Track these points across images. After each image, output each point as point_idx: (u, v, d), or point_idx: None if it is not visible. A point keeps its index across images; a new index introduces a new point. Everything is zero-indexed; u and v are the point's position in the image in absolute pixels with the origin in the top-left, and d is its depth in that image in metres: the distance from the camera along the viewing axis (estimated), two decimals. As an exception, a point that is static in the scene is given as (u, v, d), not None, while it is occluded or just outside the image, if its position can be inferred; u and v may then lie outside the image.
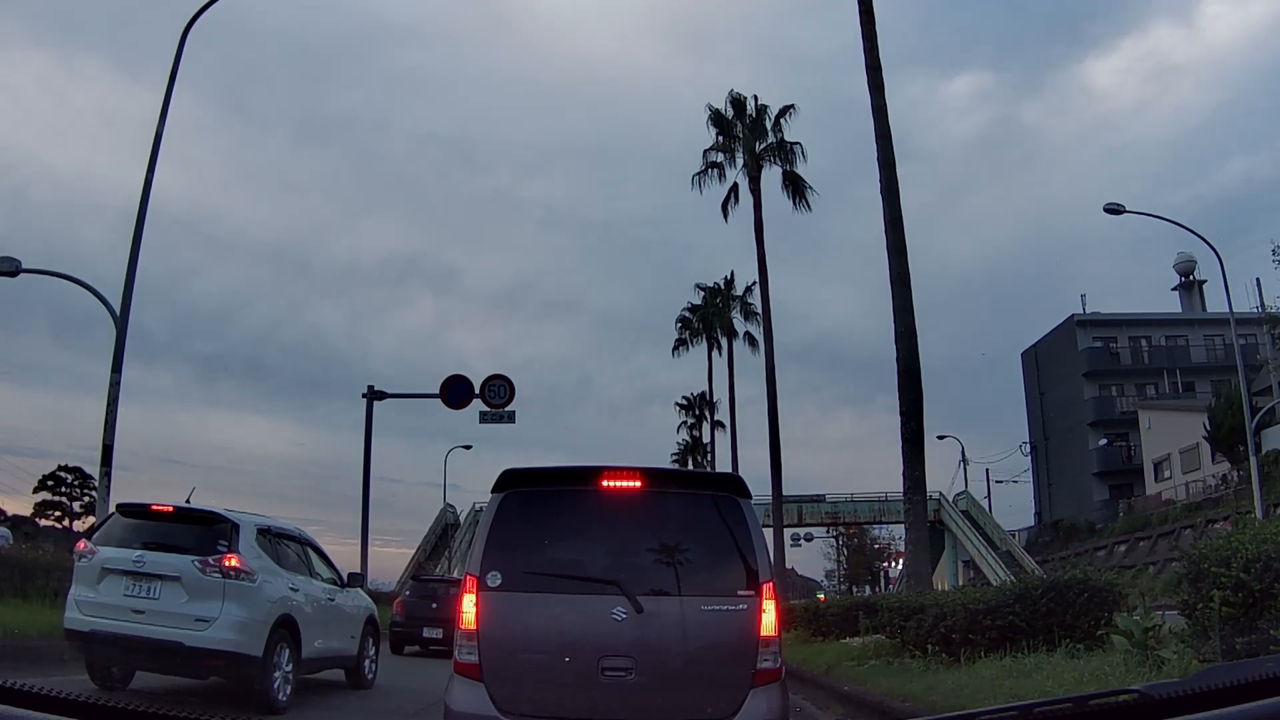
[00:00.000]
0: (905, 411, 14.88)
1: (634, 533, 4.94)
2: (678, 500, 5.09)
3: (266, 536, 9.23)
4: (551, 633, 4.62)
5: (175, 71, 15.62)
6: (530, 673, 4.62)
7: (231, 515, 8.91)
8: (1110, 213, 25.85)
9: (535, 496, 4.98)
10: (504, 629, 4.65)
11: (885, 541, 67.37)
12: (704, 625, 4.63)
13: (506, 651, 4.63)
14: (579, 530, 5.01)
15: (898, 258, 15.64)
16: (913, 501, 15.26)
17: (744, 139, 28.70)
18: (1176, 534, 41.55)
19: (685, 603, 4.64)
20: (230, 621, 8.08)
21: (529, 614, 4.69)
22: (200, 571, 8.16)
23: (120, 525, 8.78)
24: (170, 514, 8.81)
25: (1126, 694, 1.89)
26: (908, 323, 15.32)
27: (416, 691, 11.02)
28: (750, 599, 4.68)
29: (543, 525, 4.93)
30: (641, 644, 4.52)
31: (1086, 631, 8.35)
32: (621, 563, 4.85)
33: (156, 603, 8.05)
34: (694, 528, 4.94)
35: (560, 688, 4.56)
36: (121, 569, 8.18)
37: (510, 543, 4.83)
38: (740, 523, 4.88)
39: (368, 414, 21.96)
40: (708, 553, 4.93)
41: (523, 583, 4.70)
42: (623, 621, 4.54)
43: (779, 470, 27.80)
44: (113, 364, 13.71)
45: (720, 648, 4.63)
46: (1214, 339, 53.78)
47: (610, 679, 4.48)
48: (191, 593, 8.10)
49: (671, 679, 4.54)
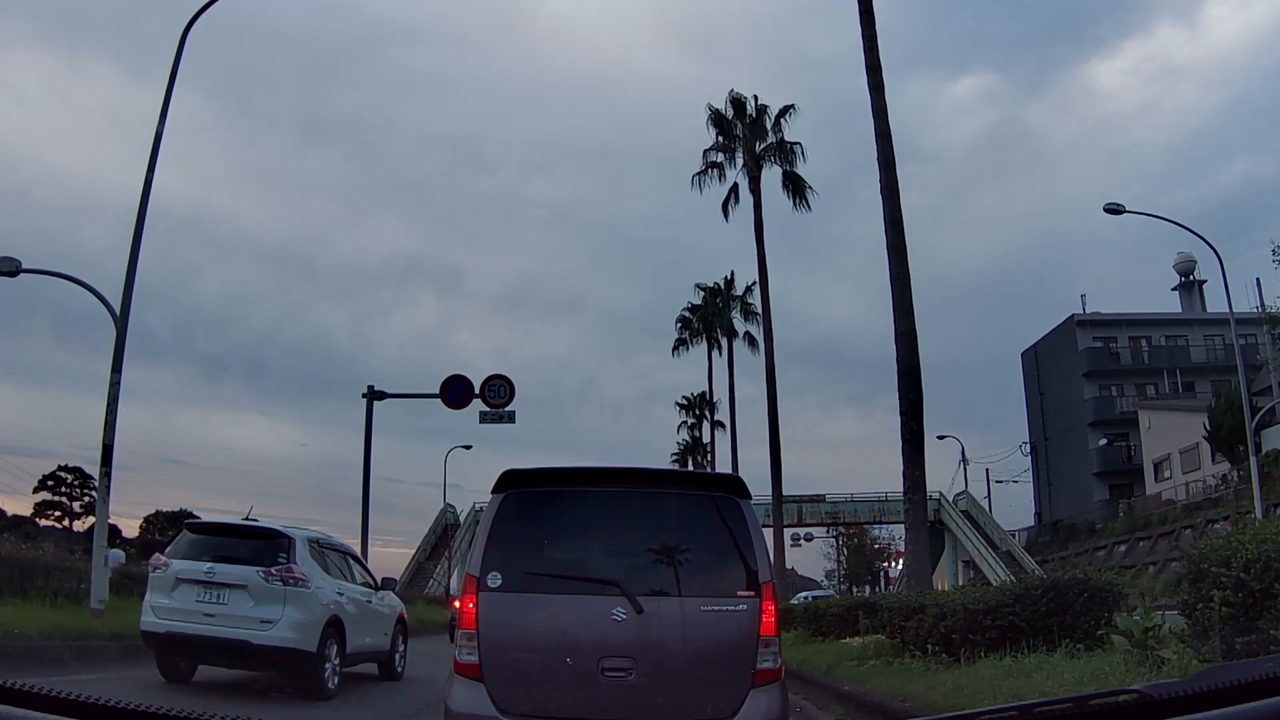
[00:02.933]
0: (905, 411, 14.87)
1: (634, 533, 4.93)
2: (677, 501, 5.05)
3: (316, 548, 10.43)
4: (552, 633, 4.60)
5: (175, 71, 15.60)
6: (530, 673, 4.59)
7: (288, 530, 10.14)
8: (1110, 213, 25.82)
9: (535, 497, 4.95)
10: (504, 629, 4.62)
11: (885, 541, 67.33)
12: (704, 625, 4.61)
13: (506, 652, 4.59)
14: (579, 531, 4.99)
15: (898, 258, 15.64)
16: (913, 502, 15.20)
17: (744, 139, 28.60)
18: (1176, 534, 41.50)
19: (685, 603, 4.62)
20: (290, 622, 9.26)
21: (529, 614, 4.66)
22: (264, 580, 9.33)
23: (189, 541, 9.94)
24: (235, 530, 10.18)
25: (1126, 694, 1.90)
26: (908, 323, 15.32)
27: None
28: (750, 600, 4.66)
29: (543, 526, 4.91)
30: (641, 644, 4.50)
31: (1086, 632, 8.35)
32: (621, 563, 4.82)
33: (225, 607, 9.21)
34: (694, 528, 4.91)
35: (560, 688, 4.52)
36: (194, 579, 9.34)
37: (510, 543, 4.81)
38: (740, 523, 4.85)
39: (368, 414, 21.95)
40: (707, 553, 4.89)
41: (523, 583, 4.68)
42: (623, 622, 4.52)
43: (779, 470, 27.84)
44: (113, 364, 13.69)
45: (720, 648, 4.59)
46: (1214, 339, 53.76)
47: (610, 679, 4.46)
48: (256, 598, 9.28)
49: (671, 679, 4.51)
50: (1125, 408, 52.19)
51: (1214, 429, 39.61)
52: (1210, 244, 26.85)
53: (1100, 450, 52.51)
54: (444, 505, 52.60)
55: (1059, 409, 55.59)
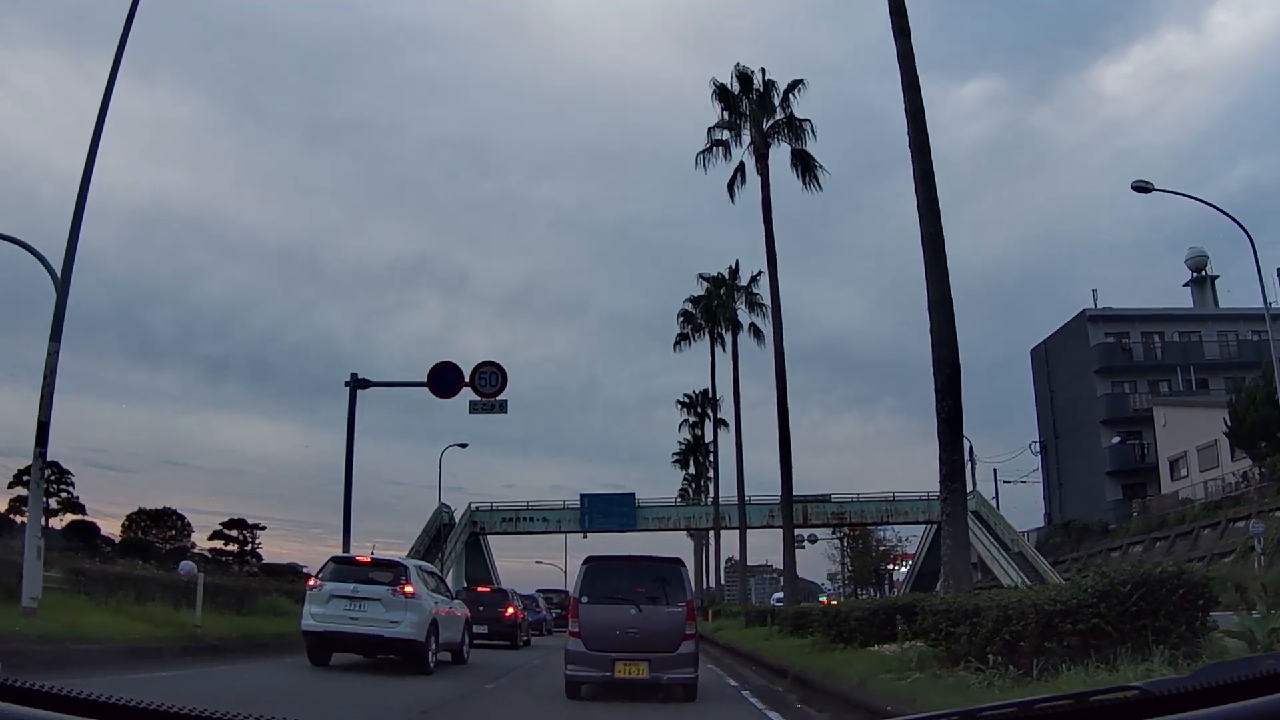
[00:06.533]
0: (941, 388, 13.37)
1: (638, 579, 11.61)
2: (657, 565, 11.94)
3: (420, 571, 15.12)
4: (606, 619, 11.18)
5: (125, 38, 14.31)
6: (598, 634, 11.08)
7: (404, 561, 15.27)
8: (1138, 190, 24.56)
9: (599, 563, 11.86)
10: (588, 617, 11.18)
11: (891, 543, 65.74)
12: (666, 617, 11.24)
13: (589, 626, 11.12)
14: (616, 578, 11.66)
15: (930, 216, 14.15)
16: (951, 490, 13.57)
17: (751, 115, 27.02)
18: (1195, 534, 40.08)
19: (659, 608, 11.30)
20: (410, 623, 13.60)
21: (597, 612, 11.23)
22: (392, 595, 13.70)
23: (334, 569, 14.36)
24: (369, 563, 14.95)
25: (1128, 690, 1.92)
26: (942, 290, 13.83)
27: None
28: (683, 606, 11.35)
29: (602, 575, 11.62)
30: (642, 623, 11.14)
31: (1182, 635, 6.93)
32: (633, 591, 11.42)
33: (365, 614, 13.52)
34: (663, 577, 11.64)
35: (609, 640, 11.03)
36: (343, 594, 13.67)
37: (589, 583, 11.48)
38: (679, 575, 11.82)
39: (350, 403, 20.51)
40: (667, 587, 11.50)
41: (595, 599, 11.34)
42: (635, 615, 11.22)
43: (789, 467, 26.01)
44: (51, 332, 12.28)
45: (672, 625, 11.18)
46: (1227, 335, 52.59)
47: (629, 636, 11.07)
48: (387, 607, 13.59)
49: (654, 636, 11.04)
50: (1138, 405, 50.71)
51: (1235, 425, 38.12)
52: (1242, 225, 25.47)
53: (1113, 449, 51.05)
54: (439, 505, 51.14)
55: (1070, 407, 54.18)
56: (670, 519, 56.94)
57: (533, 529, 55.01)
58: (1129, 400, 51.47)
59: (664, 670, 10.86)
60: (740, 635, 24.44)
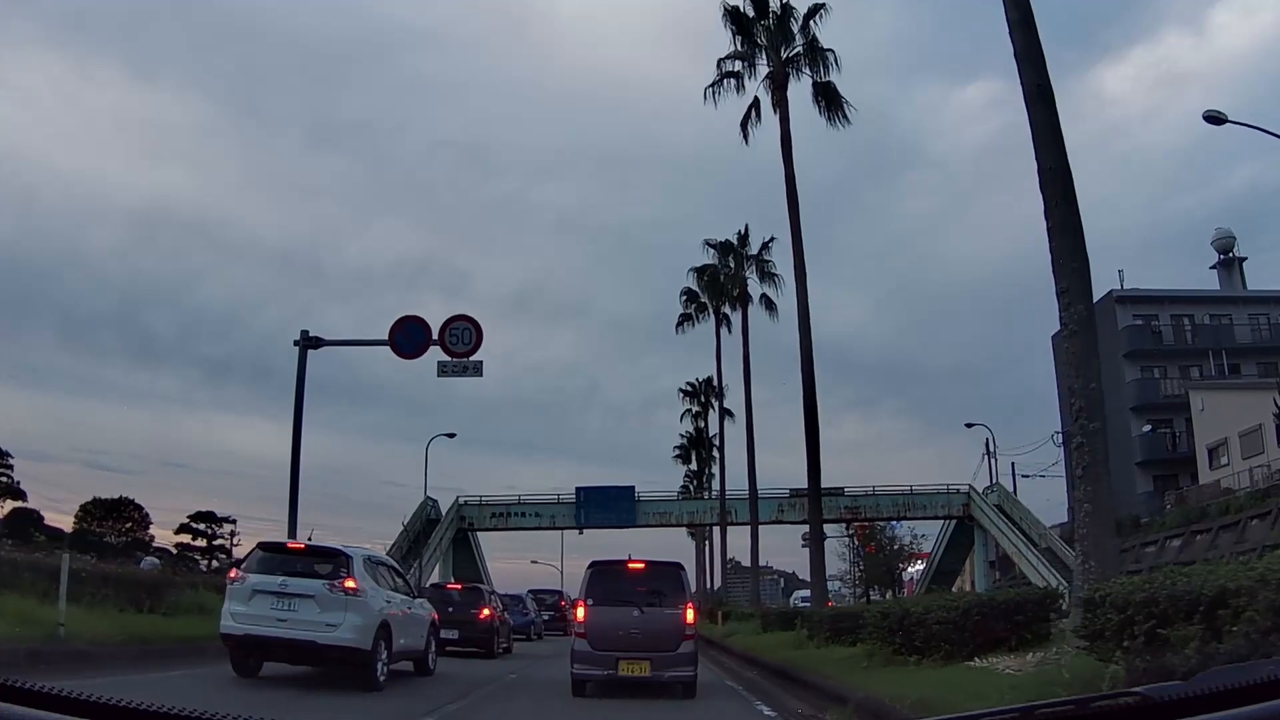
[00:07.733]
0: (1064, 268, 10.26)
1: (640, 582, 12.48)
2: (657, 569, 12.80)
3: (368, 563, 12.37)
4: (610, 619, 11.94)
5: None
6: (603, 633, 11.81)
7: (346, 549, 12.28)
8: (1210, 121, 21.69)
9: (603, 567, 12.76)
10: (594, 618, 12.00)
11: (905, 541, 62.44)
12: (667, 617, 12.03)
13: (595, 626, 11.89)
14: (619, 581, 12.51)
15: (1032, 67, 11.03)
16: (1088, 431, 10.11)
17: (767, 44, 23.81)
18: (1243, 525, 36.95)
19: (660, 610, 12.07)
20: (350, 625, 11.10)
21: (602, 613, 12.02)
22: (329, 591, 11.18)
23: (260, 558, 11.82)
24: (302, 550, 12.46)
25: (1129, 696, 1.93)
26: (1058, 158, 10.64)
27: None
28: (683, 608, 12.14)
29: (606, 578, 12.47)
30: (644, 622, 11.91)
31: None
32: (635, 593, 12.28)
33: (295, 614, 11.05)
34: (663, 580, 12.53)
35: (613, 639, 11.73)
36: (269, 590, 11.17)
37: (594, 586, 12.36)
38: (679, 578, 12.71)
39: (300, 364, 17.29)
40: (667, 589, 12.36)
41: (601, 601, 12.18)
42: (637, 616, 11.98)
43: (816, 448, 22.36)
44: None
45: (673, 625, 11.95)
46: (1259, 318, 49.80)
47: (632, 635, 11.78)
48: (322, 606, 11.08)
49: (656, 635, 11.77)
50: (1170, 390, 47.54)
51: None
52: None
53: (1144, 438, 47.79)
54: (424, 499, 47.83)
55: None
56: (672, 514, 53.56)
57: (524, 524, 51.37)
58: (1159, 386, 48.35)
59: (665, 669, 11.63)
60: (759, 641, 21.17)
